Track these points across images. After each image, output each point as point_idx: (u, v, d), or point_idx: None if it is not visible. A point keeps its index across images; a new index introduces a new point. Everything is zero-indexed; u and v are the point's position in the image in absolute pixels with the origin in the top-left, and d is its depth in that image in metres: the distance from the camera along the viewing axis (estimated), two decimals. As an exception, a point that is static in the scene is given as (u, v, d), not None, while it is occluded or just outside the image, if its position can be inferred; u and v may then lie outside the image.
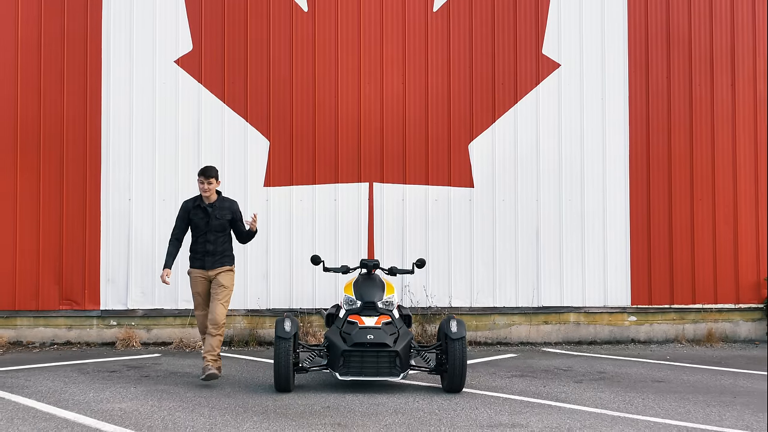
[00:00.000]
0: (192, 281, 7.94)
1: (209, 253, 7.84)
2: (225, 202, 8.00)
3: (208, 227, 7.87)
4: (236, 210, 8.03)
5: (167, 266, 7.91)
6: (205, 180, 7.83)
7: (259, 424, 5.97)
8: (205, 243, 7.86)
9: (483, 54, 10.96)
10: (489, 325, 10.87)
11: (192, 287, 7.97)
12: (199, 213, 7.89)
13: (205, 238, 7.87)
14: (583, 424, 6.12)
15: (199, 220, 7.89)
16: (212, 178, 7.84)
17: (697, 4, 11.28)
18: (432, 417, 6.29)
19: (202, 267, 7.86)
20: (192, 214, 7.93)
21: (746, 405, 6.97)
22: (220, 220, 7.88)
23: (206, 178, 7.83)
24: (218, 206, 7.90)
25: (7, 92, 10.41)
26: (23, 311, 10.44)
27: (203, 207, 7.89)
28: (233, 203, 8.09)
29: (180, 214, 8.04)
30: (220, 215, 7.88)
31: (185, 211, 7.99)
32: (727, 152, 11.22)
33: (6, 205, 10.35)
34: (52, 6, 10.51)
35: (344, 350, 7.24)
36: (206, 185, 7.83)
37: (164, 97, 10.61)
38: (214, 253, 7.85)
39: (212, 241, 7.86)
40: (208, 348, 7.62)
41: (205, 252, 7.85)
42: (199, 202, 7.93)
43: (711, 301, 11.12)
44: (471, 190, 10.86)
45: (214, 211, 7.85)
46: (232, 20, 10.73)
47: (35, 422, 6.00)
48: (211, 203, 7.89)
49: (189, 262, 8.00)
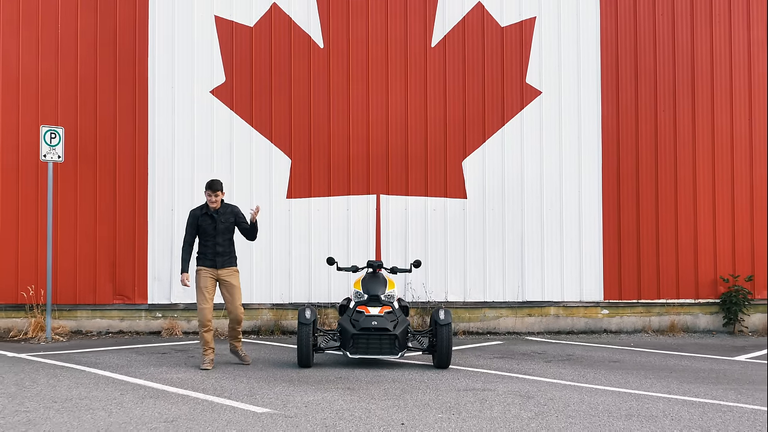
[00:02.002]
0: (200, 278, 8.97)
1: (219, 254, 9.01)
2: (228, 207, 9.12)
3: (215, 231, 8.98)
4: (238, 212, 9.17)
5: (185, 270, 8.98)
6: (212, 193, 8.90)
7: (287, 388, 7.72)
8: (214, 245, 8.99)
9: (474, 83, 12.68)
10: (480, 317, 12.59)
11: (199, 282, 8.95)
12: (206, 219, 9.00)
13: (214, 240, 8.98)
14: (538, 389, 7.84)
15: (207, 226, 9.00)
16: (218, 191, 8.92)
17: (662, 41, 12.94)
18: (421, 384, 8.04)
19: (213, 266, 8.97)
20: (200, 221, 9.00)
21: (677, 378, 8.65)
22: (225, 223, 9.02)
23: (213, 191, 8.90)
24: (222, 212, 9.02)
25: (69, 118, 12.22)
26: (82, 305, 12.27)
27: (210, 214, 9.00)
28: (235, 207, 9.22)
29: (190, 221, 9.06)
30: (225, 219, 9.03)
31: (194, 218, 9.04)
32: (688, 168, 12.88)
33: (67, 214, 12.17)
34: (106, 48, 12.33)
35: (353, 333, 8.99)
36: (213, 197, 8.92)
37: (201, 122, 12.41)
38: (223, 253, 9.03)
39: (221, 243, 9.02)
40: (234, 337, 9.13)
41: (216, 253, 8.99)
42: (206, 210, 9.02)
43: (674, 296, 12.80)
44: (464, 201, 12.60)
45: (220, 216, 8.98)
46: (259, 55, 12.51)
47: (116, 386, 7.79)
48: (216, 210, 9.02)
49: (197, 262, 9.07)
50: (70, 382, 7.95)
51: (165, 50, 12.42)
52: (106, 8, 12.34)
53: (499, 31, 12.72)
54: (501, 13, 12.73)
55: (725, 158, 12.93)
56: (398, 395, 7.39)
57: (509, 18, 12.75)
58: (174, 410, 6.62)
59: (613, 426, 6.18)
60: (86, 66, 12.32)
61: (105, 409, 6.65)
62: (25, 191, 12.17)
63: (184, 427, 6.01)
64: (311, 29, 12.54)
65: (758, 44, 13.08)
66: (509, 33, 12.74)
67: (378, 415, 6.48)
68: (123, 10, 12.36)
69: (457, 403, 7.02)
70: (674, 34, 12.96)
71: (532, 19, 12.75)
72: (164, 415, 6.42)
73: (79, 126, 12.25)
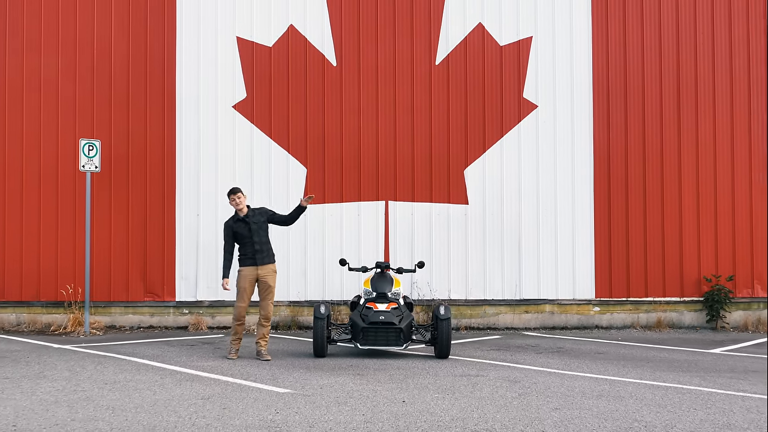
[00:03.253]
0: (241, 279, 9.95)
1: (258, 251, 9.93)
2: (256, 210, 10.10)
3: (251, 232, 9.94)
4: (266, 211, 10.16)
5: (225, 276, 9.95)
6: (234, 196, 9.92)
7: (305, 374, 8.82)
8: (252, 245, 9.93)
9: (475, 97, 13.74)
10: (480, 314, 13.66)
11: (240, 283, 9.93)
12: (240, 225, 9.96)
13: (252, 241, 9.93)
14: (525, 375, 8.90)
15: (243, 230, 9.95)
16: (240, 193, 9.94)
17: (649, 59, 13.96)
18: (422, 371, 9.11)
19: (254, 264, 9.87)
20: (235, 228, 9.97)
21: (652, 367, 9.68)
22: (258, 223, 9.99)
23: (236, 194, 9.93)
24: (252, 214, 10.00)
25: (104, 132, 13.36)
26: (116, 302, 13.42)
27: (242, 219, 9.96)
28: (262, 208, 10.25)
29: (226, 232, 10.06)
30: (257, 220, 9.99)
31: (229, 228, 10.04)
32: (674, 176, 13.90)
33: (103, 219, 13.31)
34: (137, 67, 13.47)
35: (363, 327, 10.08)
36: (237, 199, 9.92)
37: (224, 135, 13.53)
38: (261, 250, 9.97)
39: (257, 241, 9.96)
40: (261, 335, 10.05)
41: (255, 251, 9.92)
42: (237, 217, 10.00)
43: (660, 294, 13.82)
44: (466, 207, 13.66)
45: (251, 219, 9.95)
46: (277, 73, 13.61)
47: (155, 371, 8.91)
48: (246, 215, 10.00)
49: (239, 263, 10.01)
50: (114, 369, 9.08)
51: (191, 69, 13.54)
52: (138, 31, 13.48)
53: (498, 49, 13.77)
54: (500, 33, 13.79)
55: (708, 167, 13.94)
56: (401, 380, 8.47)
57: (507, 37, 13.81)
58: (208, 390, 7.73)
59: (583, 404, 7.23)
60: (119, 84, 13.46)
61: (149, 389, 7.77)
62: (64, 199, 13.32)
63: (218, 403, 7.12)
64: (325, 49, 13.63)
65: (739, 69, 14.07)
66: (507, 51, 13.79)
67: (383, 395, 7.56)
68: (153, 33, 13.49)
69: (452, 386, 8.09)
70: (661, 53, 13.97)
71: (529, 38, 13.80)
72: (200, 394, 7.53)
73: (113, 139, 13.39)
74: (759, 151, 14.03)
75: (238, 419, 6.45)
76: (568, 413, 6.81)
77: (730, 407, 7.16)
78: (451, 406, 7.05)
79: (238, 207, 10.03)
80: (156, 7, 13.51)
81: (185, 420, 6.40)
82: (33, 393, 7.55)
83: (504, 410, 6.91)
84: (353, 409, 6.87)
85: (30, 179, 13.33)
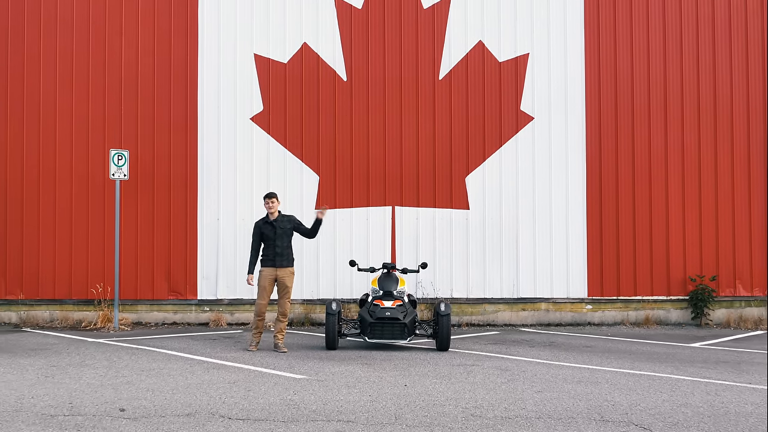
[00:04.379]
0: (262, 278, 10.93)
1: (278, 255, 10.96)
2: (285, 216, 11.15)
3: (275, 236, 10.94)
4: (294, 219, 11.19)
5: (251, 272, 10.98)
6: (269, 200, 11.00)
7: (318, 363, 9.84)
8: (274, 248, 10.94)
9: (476, 110, 14.75)
10: (480, 311, 14.66)
11: (261, 282, 10.92)
12: (268, 227, 11.03)
13: (274, 244, 10.93)
14: (516, 365, 9.90)
15: (269, 232, 11.00)
16: (274, 198, 11.02)
17: (638, 72, 14.94)
18: (424, 361, 10.13)
19: (273, 266, 10.87)
20: (263, 229, 11.01)
21: (632, 358, 10.66)
22: (283, 229, 11.06)
23: (272, 199, 11.03)
24: (280, 220, 11.05)
25: (131, 143, 14.44)
26: (142, 300, 14.48)
27: (270, 222, 11.02)
28: (291, 216, 11.34)
29: (255, 232, 11.12)
30: (283, 226, 11.05)
31: (258, 228, 11.09)
32: (661, 185, 14.87)
33: (130, 223, 14.37)
34: (162, 82, 14.54)
35: (371, 322, 11.11)
36: (271, 204, 11.02)
37: (242, 145, 14.58)
38: (281, 254, 10.98)
39: (279, 245, 10.97)
40: (278, 330, 11.04)
41: (275, 254, 10.95)
42: (267, 219, 11.08)
43: (648, 293, 14.79)
44: (467, 212, 14.67)
45: (278, 224, 11.03)
46: (292, 87, 14.65)
47: (184, 361, 9.96)
48: (275, 219, 11.14)
49: (261, 264, 10.99)
50: (147, 359, 10.13)
51: (212, 83, 14.60)
52: (162, 50, 14.55)
53: (497, 65, 14.78)
54: (499, 50, 14.80)
55: (693, 175, 14.90)
56: (405, 368, 9.49)
57: (506, 54, 14.81)
58: (233, 376, 8.77)
59: (563, 388, 8.23)
60: (145, 99, 14.52)
61: (182, 375, 8.82)
62: (94, 205, 14.39)
63: (243, 386, 8.15)
64: (336, 65, 14.67)
65: (722, 85, 15.03)
66: (506, 67, 14.80)
67: (387, 380, 8.59)
68: (176, 50, 14.55)
69: (450, 373, 9.11)
70: (649, 66, 14.94)
71: (526, 54, 14.80)
72: (227, 379, 8.57)
73: (139, 149, 14.45)
74: (740, 161, 14.98)
75: (261, 398, 7.49)
76: (548, 395, 7.82)
77: (692, 391, 8.15)
78: (446, 389, 8.07)
79: (270, 210, 11.02)
80: (179, 27, 14.57)
81: (216, 399, 7.44)
82: (80, 378, 8.61)
83: (492, 392, 7.92)
84: (361, 391, 7.90)
85: (63, 187, 14.41)
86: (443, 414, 6.91)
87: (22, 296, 14.40)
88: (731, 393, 8.08)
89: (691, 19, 15.09)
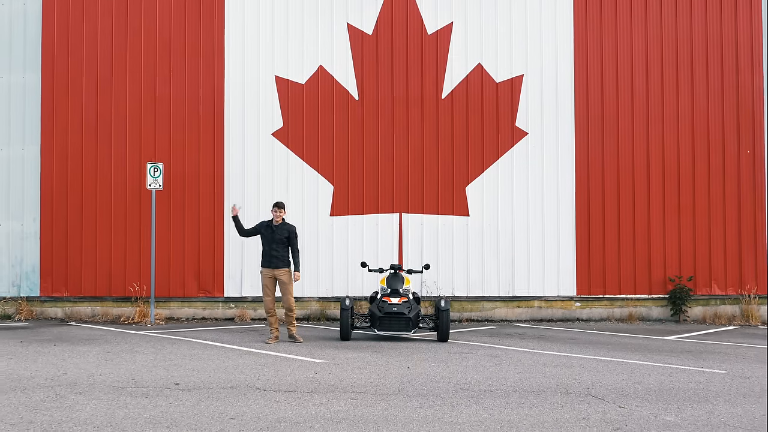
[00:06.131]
0: (262, 277, 12.42)
1: (274, 257, 12.43)
2: (286, 225, 12.47)
3: (272, 240, 12.40)
4: (292, 231, 12.41)
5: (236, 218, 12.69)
6: (278, 210, 12.48)
7: (334, 351, 11.42)
8: (270, 251, 12.39)
9: (475, 126, 16.30)
10: (479, 308, 16.21)
11: (262, 281, 12.45)
12: (268, 230, 12.43)
13: (271, 247, 12.38)
14: (505, 353, 11.45)
15: (267, 234, 12.42)
16: (282, 209, 12.47)
17: (623, 90, 16.46)
18: (425, 350, 11.69)
19: (270, 267, 12.32)
20: (263, 229, 12.48)
21: (608, 348, 12.16)
22: (280, 236, 12.41)
23: (279, 208, 12.45)
24: (280, 227, 12.41)
25: (164, 155, 16.06)
26: (174, 297, 16.10)
27: (272, 226, 12.45)
28: (292, 226, 12.51)
29: (256, 225, 12.76)
30: (280, 233, 12.41)
31: (260, 225, 12.61)
32: (643, 191, 16.38)
33: (163, 228, 15.95)
34: (191, 101, 16.16)
35: (380, 316, 12.68)
36: (277, 212, 12.44)
37: (264, 157, 16.18)
38: (277, 257, 12.41)
39: (275, 249, 12.40)
40: (289, 323, 12.52)
41: (272, 256, 12.43)
42: (270, 223, 12.53)
43: (632, 292, 16.31)
44: (467, 218, 16.22)
45: (277, 230, 12.41)
46: (309, 105, 16.25)
47: (218, 349, 11.55)
48: (277, 224, 12.55)
49: (261, 264, 12.47)
50: (186, 347, 11.74)
51: (236, 102, 16.21)
52: (192, 73, 16.17)
53: (495, 85, 16.33)
54: (496, 72, 16.35)
55: (673, 183, 16.40)
56: (408, 355, 11.06)
57: (503, 75, 16.36)
58: (263, 360, 10.37)
59: (541, 370, 9.78)
60: (176, 116, 16.15)
61: (219, 359, 10.42)
62: (131, 211, 16.03)
63: (272, 367, 9.74)
64: (349, 85, 16.25)
65: (699, 100, 16.52)
66: (502, 87, 16.35)
67: (393, 364, 10.16)
68: (205, 73, 16.17)
69: (447, 359, 10.67)
70: (632, 83, 16.46)
71: (521, 75, 16.35)
72: (258, 363, 10.16)
73: (172, 161, 16.07)
74: (716, 174, 16.45)
75: (288, 376, 9.08)
76: (527, 375, 9.38)
77: (650, 373, 9.69)
78: (443, 371, 9.64)
79: (275, 217, 12.57)
80: (207, 52, 16.18)
81: (251, 377, 9.03)
82: (134, 361, 10.23)
83: (480, 373, 9.49)
84: (370, 372, 9.48)
85: (103, 196, 16.04)
86: (438, 388, 8.47)
87: (67, 294, 16.04)
88: (682, 375, 9.61)
89: (671, 39, 16.57)
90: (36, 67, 16.32)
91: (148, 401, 7.65)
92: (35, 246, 16.14)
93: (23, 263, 16.23)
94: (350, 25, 16.33)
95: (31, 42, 16.45)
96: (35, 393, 8.03)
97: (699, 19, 16.66)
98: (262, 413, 7.17)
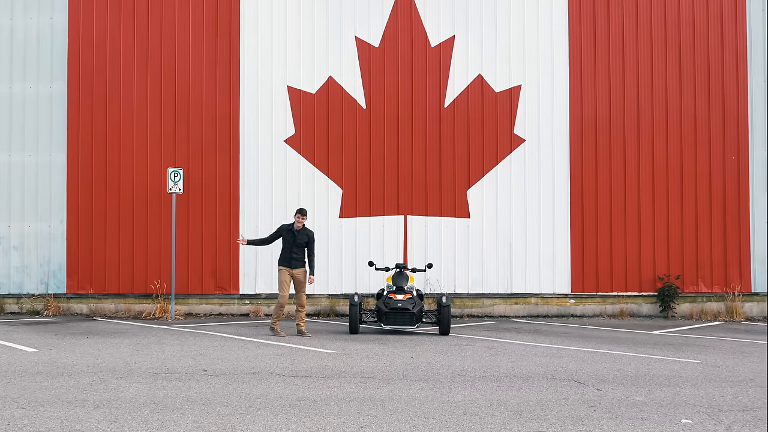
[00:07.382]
0: (280, 275, 13.38)
1: (293, 259, 13.65)
2: (307, 230, 13.64)
3: (293, 244, 13.57)
4: (311, 237, 13.53)
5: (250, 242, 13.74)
6: (301, 216, 13.63)
7: (344, 343, 12.45)
8: (291, 253, 13.58)
9: (475, 133, 17.31)
10: (479, 305, 17.23)
11: (280, 278, 13.40)
12: (289, 234, 13.48)
13: (291, 249, 13.57)
14: (501, 345, 12.46)
15: (289, 238, 13.51)
16: (305, 215, 13.67)
17: (615, 100, 17.46)
18: (428, 342, 12.72)
19: (289, 266, 13.42)
20: (285, 234, 13.51)
21: (597, 341, 13.16)
22: (300, 240, 13.57)
23: (302, 215, 13.64)
24: (302, 232, 13.49)
25: (183, 160, 17.11)
26: (192, 294, 17.14)
27: (293, 231, 13.50)
28: (311, 233, 13.67)
29: (277, 230, 13.70)
30: (301, 238, 13.53)
31: (282, 229, 13.59)
32: (634, 194, 17.37)
33: (182, 228, 17.00)
34: (209, 110, 17.20)
35: (386, 312, 13.71)
36: (300, 218, 13.58)
37: (277, 163, 17.21)
38: (296, 259, 13.63)
39: (295, 251, 13.61)
40: (299, 318, 13.50)
41: (291, 258, 13.65)
42: (291, 227, 13.64)
43: (623, 289, 17.30)
44: (468, 220, 17.24)
45: (298, 235, 13.53)
46: (319, 114, 17.28)
47: (237, 341, 12.58)
48: (298, 230, 13.72)
49: (278, 263, 13.50)
50: (208, 339, 12.79)
51: (251, 111, 17.26)
52: (209, 82, 17.22)
53: (494, 94, 17.34)
54: (495, 82, 17.36)
55: (662, 185, 17.39)
56: (412, 346, 12.09)
57: (501, 85, 17.37)
58: (279, 350, 11.41)
59: (532, 360, 10.79)
60: (194, 124, 17.20)
61: (240, 350, 11.46)
62: (152, 213, 17.08)
63: (289, 357, 10.78)
64: (357, 95, 17.28)
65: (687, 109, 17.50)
66: (501, 96, 17.36)
67: (398, 354, 11.19)
68: (221, 84, 17.22)
69: (447, 350, 11.70)
70: (624, 93, 17.45)
71: (519, 85, 17.35)
72: (275, 353, 11.20)
73: (190, 166, 17.12)
74: (702, 179, 17.43)
75: (304, 364, 10.13)
76: (519, 363, 10.40)
77: (630, 362, 10.70)
78: (443, 360, 10.67)
79: (297, 222, 13.60)
80: (223, 64, 17.24)
81: (270, 365, 10.08)
82: (162, 351, 11.28)
83: (477, 362, 10.52)
84: (377, 361, 10.52)
85: (125, 199, 17.10)
86: (438, 374, 9.50)
87: (92, 291, 17.11)
88: (660, 364, 10.61)
89: (661, 52, 17.55)
90: (63, 77, 17.38)
91: (182, 384, 8.69)
92: (62, 246, 17.20)
93: (51, 262, 17.29)
94: (358, 38, 17.35)
95: (58, 53, 17.50)
96: (81, 377, 9.08)
97: (687, 35, 17.63)
98: (283, 393, 8.21)
